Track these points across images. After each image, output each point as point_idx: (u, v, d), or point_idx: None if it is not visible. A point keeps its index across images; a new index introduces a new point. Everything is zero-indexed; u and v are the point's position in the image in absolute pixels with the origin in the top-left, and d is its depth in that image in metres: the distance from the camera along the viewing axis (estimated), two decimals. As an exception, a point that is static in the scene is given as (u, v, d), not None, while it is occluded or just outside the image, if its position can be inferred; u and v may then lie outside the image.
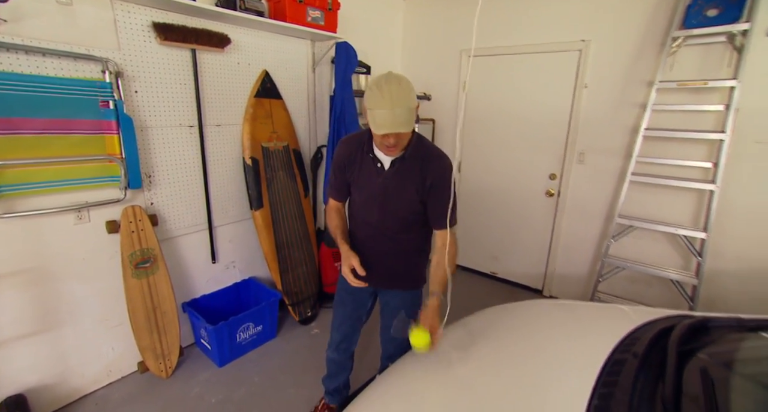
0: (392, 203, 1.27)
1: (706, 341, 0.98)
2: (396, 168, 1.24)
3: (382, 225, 1.33)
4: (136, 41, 1.68)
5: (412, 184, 1.23)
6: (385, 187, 1.25)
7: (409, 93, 1.06)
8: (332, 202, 1.41)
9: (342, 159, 1.32)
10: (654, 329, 1.03)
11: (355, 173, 1.31)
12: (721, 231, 2.10)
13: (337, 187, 1.38)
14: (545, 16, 2.54)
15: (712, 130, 2.07)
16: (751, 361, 0.91)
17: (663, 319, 1.12)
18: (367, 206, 1.32)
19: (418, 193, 1.24)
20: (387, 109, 1.02)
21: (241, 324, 2.11)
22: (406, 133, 1.12)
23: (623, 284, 2.55)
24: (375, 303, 1.56)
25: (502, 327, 1.34)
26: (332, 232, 1.35)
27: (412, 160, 1.22)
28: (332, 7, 2.29)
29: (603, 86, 2.42)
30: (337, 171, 1.35)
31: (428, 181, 1.22)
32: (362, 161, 1.28)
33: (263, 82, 2.22)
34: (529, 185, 2.87)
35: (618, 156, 2.44)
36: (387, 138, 1.11)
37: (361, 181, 1.30)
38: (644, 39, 2.23)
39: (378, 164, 1.25)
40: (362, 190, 1.31)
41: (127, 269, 1.72)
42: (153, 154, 1.84)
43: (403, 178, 1.24)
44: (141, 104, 1.74)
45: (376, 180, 1.27)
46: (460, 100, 3.06)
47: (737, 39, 1.93)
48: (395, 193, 1.26)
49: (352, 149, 1.30)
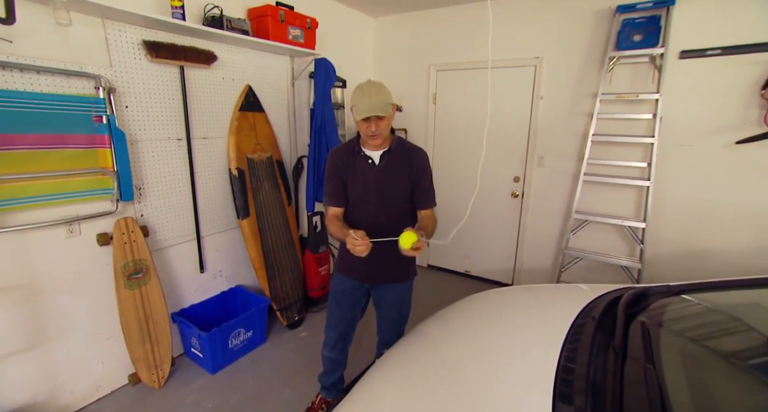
0: (386, 192, 1.46)
1: (645, 305, 1.22)
2: (385, 161, 1.45)
3: (378, 216, 1.48)
4: (127, 59, 1.74)
5: (402, 172, 1.45)
6: (379, 179, 1.45)
7: (383, 89, 1.33)
8: (331, 211, 1.52)
9: (335, 165, 1.48)
10: (607, 299, 1.26)
11: (349, 173, 1.47)
12: (656, 220, 2.45)
13: (334, 193, 1.50)
14: (504, 35, 2.84)
15: (644, 135, 2.43)
16: (675, 317, 1.16)
17: (613, 291, 1.36)
18: (363, 199, 1.47)
19: (408, 180, 1.46)
20: (366, 99, 1.29)
21: (233, 330, 2.16)
22: (385, 123, 1.34)
23: (582, 273, 2.85)
24: (369, 302, 1.70)
25: (478, 311, 1.52)
26: (335, 233, 1.41)
27: (398, 153, 1.45)
28: (311, 25, 2.45)
29: (556, 97, 2.74)
30: (332, 177, 1.49)
31: (413, 168, 1.45)
32: (355, 161, 1.46)
33: (247, 96, 2.32)
34: (495, 188, 3.14)
35: (572, 159, 2.76)
36: (369, 126, 1.32)
37: (357, 178, 1.46)
38: (587, 57, 2.58)
39: (369, 160, 1.45)
40: (358, 186, 1.47)
41: (120, 279, 1.75)
42: (143, 167, 1.88)
43: (393, 168, 1.45)
44: (132, 119, 1.79)
45: (369, 174, 1.45)
46: (430, 111, 3.29)
47: (657, 60, 2.30)
48: (388, 182, 1.45)
49: (342, 155, 1.49)
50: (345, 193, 1.50)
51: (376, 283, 1.59)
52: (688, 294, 1.26)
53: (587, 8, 2.51)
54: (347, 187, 1.49)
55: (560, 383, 0.89)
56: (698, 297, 1.30)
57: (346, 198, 1.51)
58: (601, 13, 2.46)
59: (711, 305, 1.29)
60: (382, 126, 1.35)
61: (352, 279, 1.58)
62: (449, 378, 1.06)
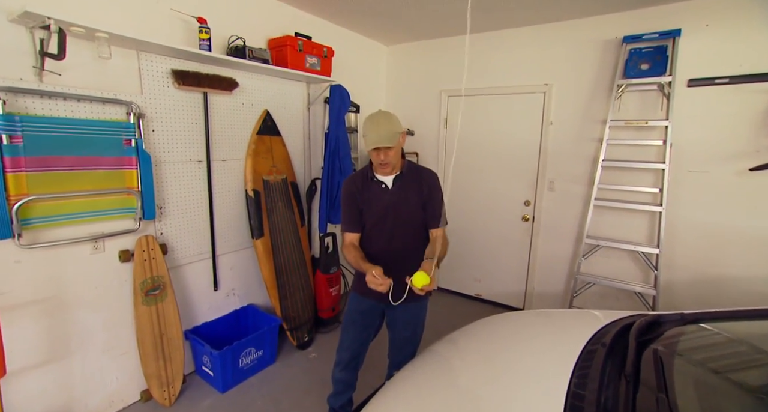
0: (401, 213, 1.53)
1: (659, 333, 1.21)
2: (398, 185, 1.53)
3: (393, 239, 1.54)
4: (157, 86, 1.87)
5: (414, 194, 1.53)
6: (393, 202, 1.52)
7: (391, 119, 1.42)
8: (348, 238, 1.57)
9: (351, 192, 1.56)
10: (618, 325, 1.25)
11: (365, 199, 1.54)
12: (670, 246, 2.42)
13: (350, 219, 1.56)
14: (514, 63, 2.94)
15: (655, 160, 2.44)
16: (690, 346, 1.14)
17: (626, 317, 1.35)
18: (379, 223, 1.54)
19: (420, 199, 1.53)
20: (374, 129, 1.39)
21: (244, 349, 2.17)
22: (394, 152, 1.43)
23: (595, 299, 2.81)
24: (383, 322, 1.72)
25: (490, 335, 1.51)
26: (354, 262, 1.46)
27: (409, 175, 1.54)
28: (327, 54, 2.58)
29: (565, 123, 2.79)
30: (349, 203, 1.56)
31: (425, 189, 1.53)
32: (369, 187, 1.54)
33: (264, 120, 2.44)
34: (506, 211, 3.15)
35: (582, 183, 2.77)
36: (378, 155, 1.42)
37: (372, 203, 1.54)
38: (595, 84, 2.64)
39: (382, 185, 1.53)
40: (374, 211, 1.54)
41: (138, 295, 1.80)
42: (165, 187, 1.98)
43: (406, 190, 1.53)
44: (157, 142, 1.90)
45: (383, 198, 1.53)
46: (441, 136, 3.37)
47: (665, 88, 2.34)
48: (402, 204, 1.52)
49: (357, 182, 1.57)
50: (361, 219, 1.56)
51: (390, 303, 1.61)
52: (702, 323, 1.24)
53: (595, 38, 2.59)
54: (363, 213, 1.56)
55: (570, 410, 0.89)
56: (714, 326, 1.28)
57: (362, 224, 1.57)
58: (608, 43, 2.54)
59: (727, 334, 1.26)
60: (391, 154, 1.43)
61: (369, 299, 1.61)
62: (460, 402, 1.06)
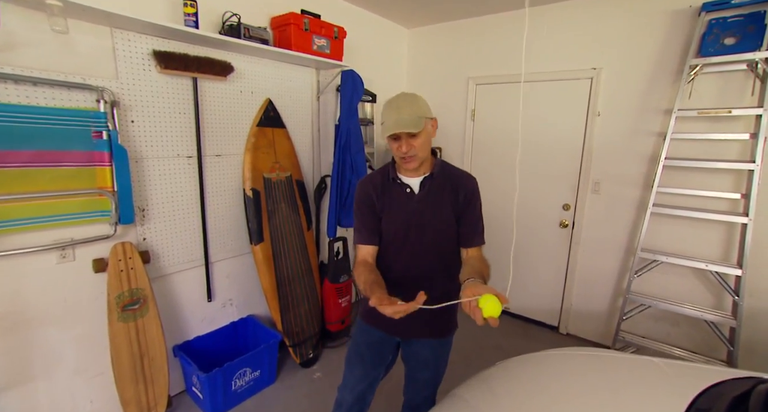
0: (429, 228, 1.18)
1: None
2: (426, 190, 1.18)
3: (417, 260, 1.20)
4: (135, 70, 1.61)
5: (447, 203, 1.18)
6: (420, 212, 1.18)
7: (417, 100, 1.10)
8: (361, 253, 1.21)
9: (366, 195, 1.22)
10: (722, 398, 0.87)
11: (383, 205, 1.20)
12: (755, 267, 1.95)
13: (366, 228, 1.21)
14: (555, 45, 2.51)
15: (738, 159, 1.97)
16: None
17: (725, 383, 0.97)
18: (399, 238, 1.20)
19: (454, 211, 1.18)
20: (393, 113, 1.09)
21: (238, 370, 1.92)
22: (420, 142, 1.09)
23: (647, 323, 2.38)
24: (396, 358, 1.39)
25: (531, 380, 1.18)
26: (364, 287, 1.07)
27: (441, 179, 1.19)
28: (338, 35, 2.26)
29: (616, 114, 2.35)
30: (364, 209, 1.22)
31: (461, 196, 1.18)
32: (390, 191, 1.20)
33: (266, 110, 2.15)
34: (541, 216, 2.75)
35: (635, 186, 2.33)
36: (399, 146, 1.10)
37: (392, 210, 1.20)
38: (656, 67, 2.18)
39: (407, 189, 1.19)
40: (394, 222, 1.20)
41: (113, 311, 1.57)
42: (148, 187, 1.73)
43: (436, 198, 1.18)
44: (137, 134, 1.65)
45: (408, 206, 1.18)
46: (468, 129, 2.99)
47: (759, 67, 1.87)
48: (431, 216, 1.18)
49: (376, 183, 1.22)
50: (379, 228, 1.22)
51: (409, 337, 1.29)
52: None
53: (660, 8, 2.13)
54: (382, 220, 1.22)
55: None
56: None
57: (380, 234, 1.22)
58: (678, 14, 2.07)
59: None
60: (416, 145, 1.08)
61: (380, 330, 1.29)
62: None
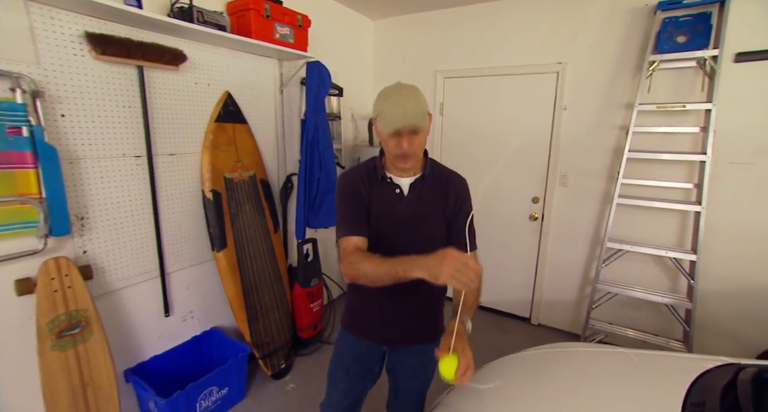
0: (419, 231, 1.09)
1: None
2: (417, 192, 1.09)
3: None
4: (63, 54, 1.36)
5: (437, 207, 1.10)
6: (408, 215, 1.08)
7: (419, 95, 1.01)
8: (349, 244, 1.05)
9: (353, 185, 1.09)
10: (711, 391, 0.88)
11: (373, 201, 1.09)
12: (708, 252, 2.09)
13: (352, 219, 1.07)
14: (522, 38, 2.53)
15: (691, 151, 2.09)
16: None
17: (710, 373, 0.98)
18: (384, 241, 1.08)
19: (444, 215, 1.11)
20: (396, 106, 0.96)
21: (203, 390, 1.74)
22: (420, 140, 1.01)
23: (612, 309, 2.48)
24: (383, 367, 1.29)
25: (523, 383, 1.16)
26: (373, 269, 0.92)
27: (432, 181, 1.11)
28: (302, 24, 2.11)
29: (582, 108, 2.41)
30: (351, 199, 1.08)
31: (452, 199, 1.11)
32: (378, 188, 1.09)
33: (225, 104, 1.96)
34: (511, 209, 2.78)
35: (600, 178, 2.41)
36: (400, 143, 0.99)
37: (381, 210, 1.08)
38: (618, 62, 2.26)
39: (396, 190, 1.09)
40: (382, 222, 1.08)
41: (46, 340, 1.33)
42: (87, 192, 1.49)
43: (428, 200, 1.09)
44: (70, 131, 1.41)
45: (396, 208, 1.08)
46: (436, 124, 2.95)
47: (707, 64, 1.98)
48: (422, 219, 1.09)
49: (362, 176, 1.10)
50: (366, 219, 1.09)
51: (395, 345, 1.21)
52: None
53: (620, 6, 2.19)
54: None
55: None
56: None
57: (367, 226, 1.08)
58: (637, 12, 2.15)
59: None
60: (417, 143, 0.99)
61: (367, 340, 1.20)
62: None
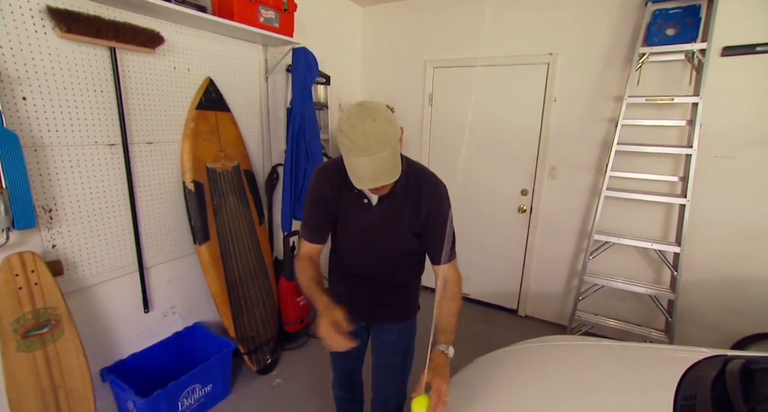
0: (384, 243, 1.08)
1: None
2: (385, 205, 1.04)
3: (372, 267, 1.15)
4: (23, 31, 1.25)
5: (406, 219, 1.05)
6: (375, 226, 1.06)
7: (388, 129, 0.85)
8: (305, 249, 1.12)
9: (322, 190, 1.08)
10: (702, 383, 0.88)
11: (340, 209, 1.08)
12: (690, 244, 2.12)
13: (314, 226, 1.11)
14: (512, 28, 2.49)
15: (678, 144, 2.11)
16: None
17: (698, 365, 0.99)
18: (357, 243, 1.12)
19: (413, 227, 1.05)
20: (365, 156, 0.83)
21: (185, 388, 1.69)
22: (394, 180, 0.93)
23: (598, 300, 2.51)
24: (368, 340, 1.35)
25: (512, 376, 1.15)
26: (305, 286, 1.05)
27: (404, 193, 1.04)
28: (288, 7, 2.01)
29: (572, 100, 2.40)
30: (315, 204, 1.09)
31: (423, 212, 1.04)
32: (345, 197, 1.06)
33: (207, 91, 1.86)
34: (500, 201, 2.77)
35: (589, 170, 2.42)
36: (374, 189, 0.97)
37: (348, 219, 1.08)
38: (610, 54, 2.24)
39: (364, 200, 1.05)
40: (349, 230, 1.10)
41: (10, 341, 1.25)
42: (55, 182, 1.39)
43: (395, 213, 1.04)
44: (33, 116, 1.31)
45: (362, 218, 1.06)
46: (426, 114, 2.91)
47: (694, 58, 1.98)
48: (387, 232, 1.06)
49: (331, 178, 1.07)
50: (329, 227, 1.12)
51: (374, 321, 1.27)
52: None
53: (611, -3, 2.18)
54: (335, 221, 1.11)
55: None
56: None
57: (329, 233, 1.13)
58: (628, 3, 2.13)
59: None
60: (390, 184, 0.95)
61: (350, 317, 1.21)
62: None
